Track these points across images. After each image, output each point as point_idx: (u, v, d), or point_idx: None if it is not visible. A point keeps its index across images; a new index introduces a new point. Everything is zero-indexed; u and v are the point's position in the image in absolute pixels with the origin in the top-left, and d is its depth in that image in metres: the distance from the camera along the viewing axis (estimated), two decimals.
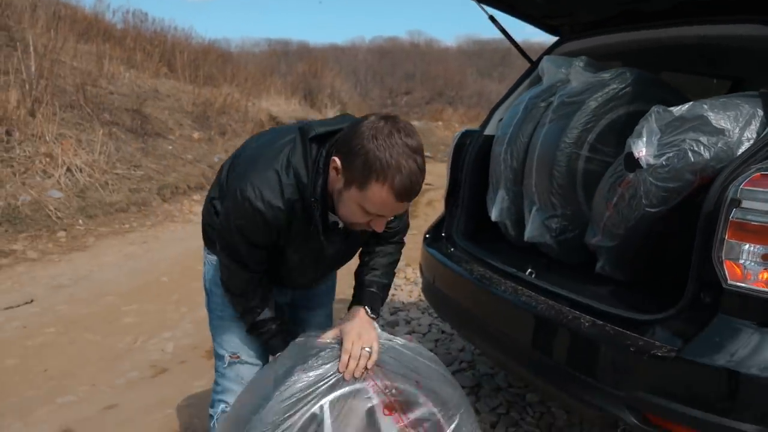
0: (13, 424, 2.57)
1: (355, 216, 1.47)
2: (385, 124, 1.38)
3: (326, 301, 2.06)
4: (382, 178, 1.35)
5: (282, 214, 1.50)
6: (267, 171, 1.49)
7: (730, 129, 1.64)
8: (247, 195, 1.48)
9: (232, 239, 1.58)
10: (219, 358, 1.86)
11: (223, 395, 1.86)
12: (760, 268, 1.46)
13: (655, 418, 1.58)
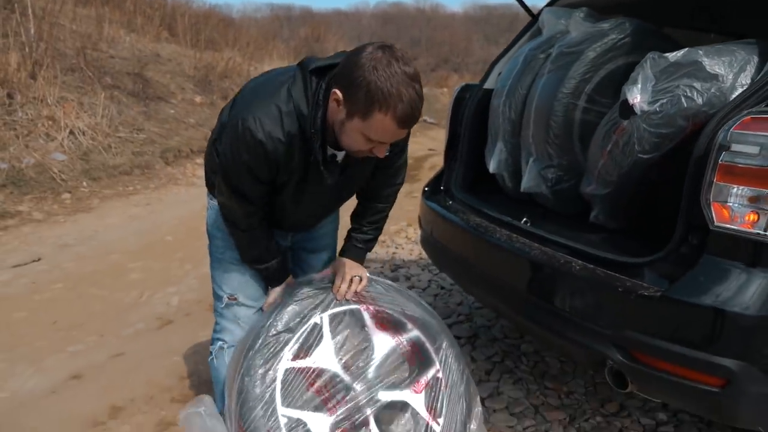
0: (26, 371, 2.66)
1: (358, 144, 1.53)
2: (383, 54, 1.42)
3: (329, 244, 2.12)
4: (384, 107, 1.41)
5: (282, 146, 1.54)
6: (268, 104, 1.53)
7: (724, 75, 1.66)
8: (248, 126, 1.52)
9: (233, 173, 1.61)
10: (218, 299, 1.94)
11: (221, 334, 1.94)
12: (746, 210, 1.50)
13: (641, 355, 1.64)
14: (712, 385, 1.55)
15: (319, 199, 1.80)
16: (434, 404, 1.81)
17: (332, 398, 1.71)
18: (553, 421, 2.32)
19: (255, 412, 1.60)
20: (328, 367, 1.74)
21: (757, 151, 1.46)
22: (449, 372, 1.85)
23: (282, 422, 1.60)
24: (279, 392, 1.63)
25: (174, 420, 2.30)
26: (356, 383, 1.75)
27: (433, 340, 1.87)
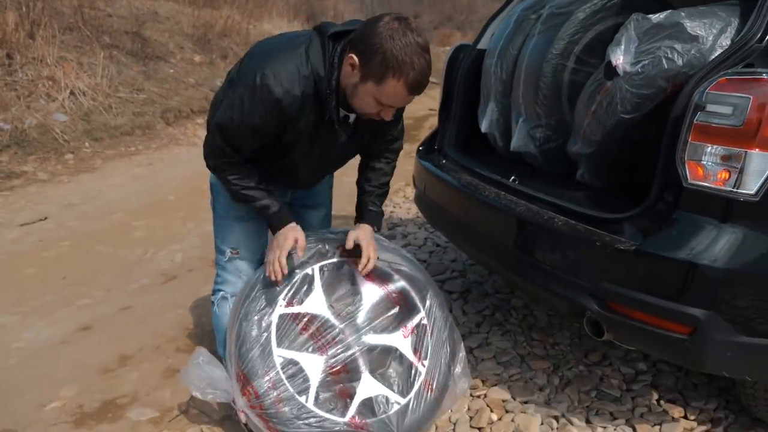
0: (38, 323, 2.79)
1: (369, 107, 1.64)
2: (399, 25, 1.53)
3: (325, 200, 2.23)
4: (398, 74, 1.52)
5: (296, 103, 1.62)
6: (287, 62, 1.61)
7: (704, 36, 1.72)
8: (267, 81, 1.59)
9: (236, 123, 1.65)
10: (220, 253, 2.05)
11: (222, 285, 2.06)
12: (719, 168, 1.58)
13: (616, 305, 1.75)
14: (680, 332, 1.66)
15: (327, 157, 1.89)
16: (420, 348, 1.94)
17: (323, 341, 1.84)
18: (538, 370, 2.44)
19: (252, 353, 1.73)
20: (319, 312, 1.87)
21: (730, 111, 1.53)
22: (434, 319, 1.98)
23: (277, 362, 1.73)
24: (274, 335, 1.76)
25: (179, 367, 2.42)
26: (345, 327, 1.88)
27: (418, 290, 2.00)
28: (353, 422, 1.78)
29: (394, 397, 1.87)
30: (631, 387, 2.37)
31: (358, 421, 1.79)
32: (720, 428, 2.15)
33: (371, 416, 1.82)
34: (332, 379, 1.83)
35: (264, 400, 1.70)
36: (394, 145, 2.04)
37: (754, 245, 1.58)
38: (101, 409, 2.18)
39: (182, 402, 2.21)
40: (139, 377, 2.38)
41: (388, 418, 1.83)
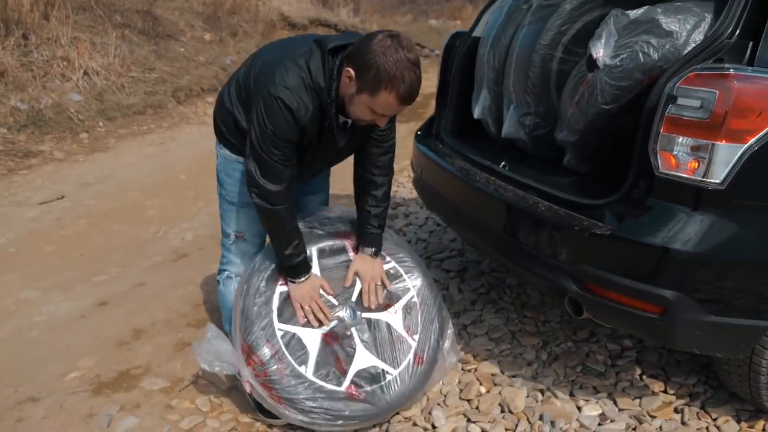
0: (58, 298, 2.97)
1: (364, 115, 1.78)
2: (391, 42, 1.67)
3: (323, 186, 2.38)
4: (390, 87, 1.67)
5: (308, 112, 1.78)
6: (294, 76, 1.76)
7: (678, 32, 1.80)
8: (279, 95, 1.74)
9: (266, 142, 1.80)
10: (226, 236, 2.19)
11: (227, 265, 2.21)
12: (689, 158, 1.68)
13: (593, 286, 1.86)
14: (652, 312, 1.77)
15: (328, 157, 2.07)
16: (410, 324, 2.08)
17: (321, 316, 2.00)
18: (527, 346, 2.57)
19: (256, 326, 1.88)
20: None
21: (698, 104, 1.62)
22: (423, 298, 2.12)
23: (279, 335, 1.89)
24: (275, 311, 1.91)
25: (189, 341, 2.59)
26: (341, 304, 2.04)
27: (408, 271, 2.15)
28: (349, 391, 1.93)
29: (386, 368, 2.01)
30: (615, 363, 2.49)
31: (354, 390, 1.94)
32: (698, 402, 2.27)
33: (365, 386, 1.96)
34: (329, 351, 1.97)
35: (267, 368, 1.86)
36: (387, 155, 2.14)
37: (721, 231, 1.68)
38: (117, 379, 2.35)
39: (192, 373, 2.37)
40: (152, 350, 2.54)
41: (380, 387, 1.97)
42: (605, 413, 2.19)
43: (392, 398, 1.99)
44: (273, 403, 1.87)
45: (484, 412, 2.18)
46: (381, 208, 2.16)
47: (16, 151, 5.42)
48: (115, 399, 2.24)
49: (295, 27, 10.68)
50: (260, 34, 9.62)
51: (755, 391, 2.00)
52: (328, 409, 1.88)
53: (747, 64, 1.63)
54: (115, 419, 2.12)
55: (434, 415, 2.13)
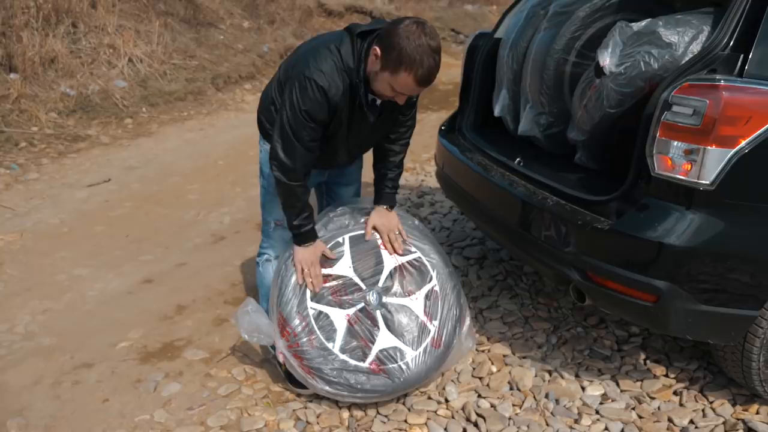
0: (108, 275, 3.25)
1: (386, 91, 1.97)
2: (416, 28, 1.86)
3: (356, 178, 2.57)
4: (409, 69, 1.85)
5: (339, 91, 1.97)
6: (325, 59, 1.97)
7: (677, 43, 1.93)
8: (312, 76, 1.94)
9: (296, 120, 1.99)
10: (266, 224, 2.42)
11: (267, 249, 2.43)
12: (683, 160, 1.82)
13: (594, 276, 2.03)
14: (647, 300, 1.93)
15: (360, 138, 2.23)
16: (430, 310, 2.27)
17: (348, 298, 2.21)
18: (539, 330, 2.75)
19: (291, 303, 2.11)
20: (346, 274, 2.24)
21: (691, 112, 1.76)
22: (443, 286, 2.30)
23: (311, 313, 2.12)
24: (309, 290, 2.14)
25: (227, 317, 2.84)
26: (367, 288, 2.24)
27: (431, 261, 2.33)
28: (371, 367, 2.13)
29: (406, 349, 2.20)
30: (621, 348, 2.65)
31: (376, 366, 2.14)
32: (697, 386, 2.42)
33: (386, 363, 2.16)
34: (355, 331, 2.18)
35: (299, 339, 2.09)
36: (407, 130, 2.36)
37: (710, 227, 1.83)
38: (162, 350, 2.61)
39: (229, 346, 2.61)
40: (193, 324, 2.79)
41: (399, 366, 2.17)
42: (607, 393, 2.36)
43: (410, 376, 2.18)
44: (303, 373, 2.10)
45: (493, 389, 2.37)
46: (396, 172, 2.39)
47: (66, 135, 5.74)
48: (160, 367, 2.49)
49: (331, 14, 10.84)
50: (297, 22, 9.81)
51: (748, 376, 2.15)
52: (352, 382, 2.09)
53: (737, 75, 1.76)
54: (161, 385, 2.37)
55: (447, 390, 2.33)
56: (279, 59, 9.01)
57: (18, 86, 5.88)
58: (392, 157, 2.36)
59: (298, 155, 2.05)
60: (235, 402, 2.27)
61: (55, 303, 2.97)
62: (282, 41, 9.24)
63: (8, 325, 2.78)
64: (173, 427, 2.15)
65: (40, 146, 5.40)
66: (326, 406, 2.24)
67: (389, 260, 2.28)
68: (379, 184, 2.39)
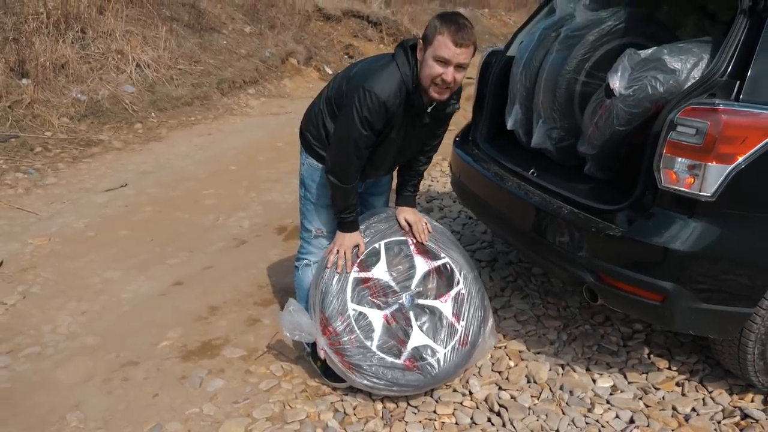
0: (138, 278, 3.42)
1: (434, 70, 2.12)
2: (445, 11, 2.14)
3: (386, 189, 2.78)
4: (442, 32, 2.07)
5: (397, 100, 2.17)
6: (384, 74, 2.18)
7: (680, 69, 2.15)
8: (372, 89, 2.14)
9: (355, 129, 2.18)
10: (306, 231, 2.61)
11: (306, 255, 2.61)
12: (686, 175, 2.04)
13: (606, 278, 2.24)
14: (654, 300, 2.15)
15: (405, 145, 2.41)
16: (457, 311, 2.46)
17: (384, 300, 2.40)
18: (550, 328, 2.96)
19: (333, 305, 2.30)
20: (382, 278, 2.43)
21: (694, 132, 1.98)
22: (469, 290, 2.50)
23: (351, 313, 2.31)
24: (349, 293, 2.33)
25: (258, 317, 3.03)
26: (402, 291, 2.43)
27: (458, 266, 2.53)
28: (406, 363, 2.33)
29: (437, 347, 2.40)
30: (627, 343, 2.87)
31: (410, 363, 2.34)
32: (697, 377, 2.65)
33: (419, 360, 2.36)
34: (391, 330, 2.37)
35: (341, 338, 2.27)
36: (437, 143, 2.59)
37: (710, 234, 2.05)
38: (201, 348, 2.80)
39: (264, 345, 2.80)
40: (227, 324, 2.98)
41: (430, 363, 2.37)
42: (616, 385, 2.58)
43: (440, 372, 2.38)
44: (343, 369, 2.29)
45: (513, 382, 2.58)
46: (418, 179, 2.66)
47: (79, 140, 5.89)
48: (202, 364, 2.68)
49: (329, 19, 11.03)
50: (297, 26, 9.99)
51: (743, 367, 2.37)
52: (389, 377, 2.29)
53: (734, 99, 1.99)
54: (206, 381, 2.56)
55: (471, 383, 2.54)
56: (281, 64, 9.19)
57: (30, 91, 6.01)
58: (418, 167, 2.59)
59: (353, 161, 2.26)
60: (277, 396, 2.46)
61: (92, 305, 3.14)
62: (283, 46, 9.42)
63: (51, 326, 2.94)
64: (222, 419, 2.34)
65: (55, 151, 5.54)
66: (361, 398, 2.44)
67: (421, 265, 2.48)
68: (401, 188, 2.62)
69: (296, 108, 7.79)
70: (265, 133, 6.38)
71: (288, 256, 3.69)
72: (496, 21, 17.79)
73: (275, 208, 4.45)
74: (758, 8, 2.04)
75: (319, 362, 2.51)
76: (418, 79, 2.18)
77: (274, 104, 7.96)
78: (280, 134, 6.28)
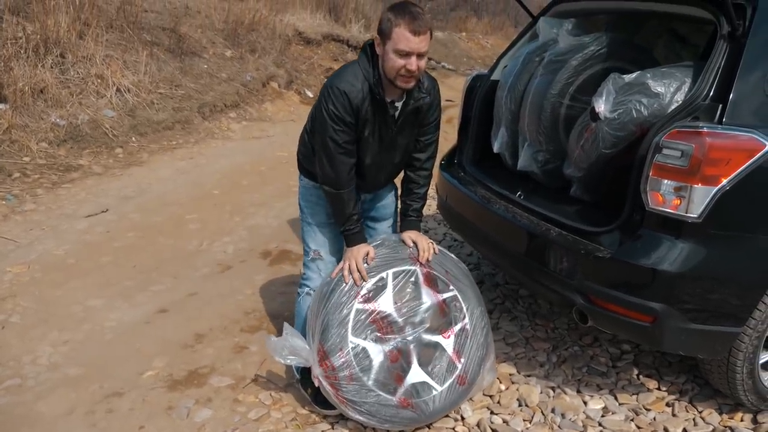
0: (122, 305, 3.35)
1: (395, 63, 2.15)
2: (397, 3, 2.16)
3: (390, 213, 2.73)
4: (398, 23, 2.12)
5: (359, 94, 2.20)
6: (345, 70, 2.26)
7: (664, 93, 2.19)
8: (334, 83, 2.20)
9: (327, 125, 2.21)
10: (306, 254, 2.60)
11: (307, 281, 2.59)
12: (673, 196, 2.07)
13: (596, 299, 2.25)
14: (644, 320, 2.16)
15: (385, 149, 2.40)
16: (459, 348, 2.42)
17: (387, 333, 2.33)
18: (539, 350, 2.96)
19: (333, 337, 2.24)
20: (387, 310, 2.35)
21: (679, 155, 2.01)
22: (474, 326, 2.46)
23: (350, 346, 2.25)
24: (351, 325, 2.27)
25: (245, 344, 2.99)
26: (405, 325, 2.36)
27: (466, 300, 2.48)
28: (402, 401, 2.29)
29: (434, 384, 2.35)
30: (616, 364, 2.88)
31: (404, 401, 2.30)
32: (687, 397, 2.66)
33: (415, 398, 2.32)
34: (389, 365, 2.32)
35: (337, 373, 2.22)
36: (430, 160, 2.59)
37: (698, 255, 2.08)
38: (188, 377, 2.74)
39: (252, 373, 2.76)
40: (214, 352, 2.93)
41: (425, 401, 2.33)
42: (607, 406, 2.58)
43: (435, 410, 2.34)
44: (336, 402, 2.26)
45: (504, 406, 2.57)
46: (420, 203, 2.63)
47: (58, 165, 5.81)
48: (188, 394, 2.62)
49: (309, 43, 11.09)
50: (278, 51, 10.02)
51: (732, 386, 2.39)
52: (382, 414, 2.25)
53: (717, 122, 2.03)
54: (193, 411, 2.51)
55: (462, 408, 2.52)
56: (262, 87, 9.21)
57: (9, 116, 5.93)
58: (417, 189, 2.58)
59: (337, 162, 2.27)
60: (266, 425, 2.42)
61: (75, 334, 3.07)
62: (264, 69, 9.44)
63: (32, 356, 2.87)
64: None
65: (34, 176, 5.46)
66: (352, 426, 2.41)
67: (428, 298, 2.42)
68: (404, 213, 2.61)
69: (278, 131, 7.79)
70: (248, 157, 6.36)
71: (274, 281, 3.66)
72: (474, 44, 18.04)
73: (260, 233, 4.42)
74: (737, 33, 2.10)
75: (309, 389, 2.47)
76: (379, 74, 2.22)
77: (256, 128, 7.94)
78: (263, 158, 6.27)
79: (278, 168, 6.03)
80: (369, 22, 12.63)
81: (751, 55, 2.09)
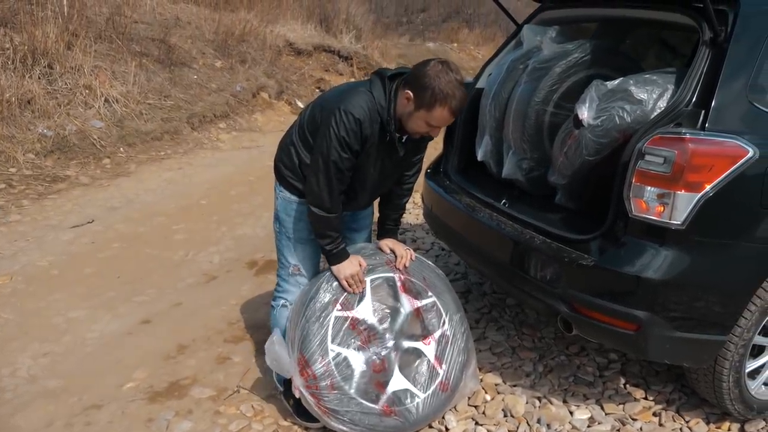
0: (105, 316, 3.31)
1: (420, 128, 2.18)
2: (442, 67, 2.09)
3: (367, 224, 2.73)
4: (444, 104, 2.09)
5: (372, 124, 2.16)
6: (360, 96, 2.17)
7: (647, 100, 2.19)
8: (349, 109, 2.13)
9: (333, 150, 2.15)
10: (283, 268, 2.54)
11: (283, 293, 2.55)
12: (656, 203, 2.06)
13: (580, 308, 2.23)
14: (629, 329, 2.14)
15: (383, 175, 2.39)
16: (440, 354, 2.40)
17: (367, 341, 2.31)
18: (526, 359, 2.93)
19: (313, 345, 2.21)
20: (366, 318, 2.34)
21: (662, 161, 2.00)
22: (454, 331, 2.45)
23: (330, 354, 2.22)
24: (330, 332, 2.25)
25: (228, 355, 2.94)
26: (385, 332, 2.35)
27: (445, 306, 2.47)
28: (384, 409, 2.26)
29: (416, 391, 2.33)
30: (603, 374, 2.85)
31: (387, 408, 2.27)
32: (674, 407, 2.64)
33: (397, 405, 2.29)
34: (371, 373, 2.29)
35: (318, 382, 2.19)
36: (414, 175, 2.58)
37: (682, 262, 2.06)
38: (169, 389, 2.70)
39: (234, 384, 2.71)
40: (196, 363, 2.89)
41: (408, 409, 2.30)
42: (594, 417, 2.55)
43: (418, 417, 2.32)
44: (318, 412, 2.22)
45: (489, 416, 2.53)
46: (399, 213, 2.63)
47: (44, 176, 5.76)
48: (169, 406, 2.58)
49: (300, 54, 11.10)
50: (268, 62, 10.02)
51: (719, 395, 2.37)
52: (365, 423, 2.22)
53: (700, 128, 2.02)
54: (173, 423, 2.46)
55: (447, 418, 2.48)
56: (252, 98, 9.19)
57: None
58: (397, 200, 2.57)
59: (334, 186, 2.22)
60: None
61: (55, 346, 3.02)
62: (254, 80, 9.43)
63: (10, 369, 2.82)
64: None
65: (20, 187, 5.41)
66: None
67: (407, 304, 2.41)
68: (383, 222, 2.59)
69: (268, 142, 7.76)
70: (237, 167, 6.32)
71: (260, 291, 3.62)
72: (465, 55, 18.10)
73: (247, 243, 4.38)
74: (719, 39, 2.09)
75: (291, 401, 2.43)
76: (394, 113, 2.18)
77: (246, 138, 7.92)
78: (252, 168, 6.24)
79: (267, 178, 5.94)
80: (360, 33, 12.66)
81: (734, 61, 2.09)
